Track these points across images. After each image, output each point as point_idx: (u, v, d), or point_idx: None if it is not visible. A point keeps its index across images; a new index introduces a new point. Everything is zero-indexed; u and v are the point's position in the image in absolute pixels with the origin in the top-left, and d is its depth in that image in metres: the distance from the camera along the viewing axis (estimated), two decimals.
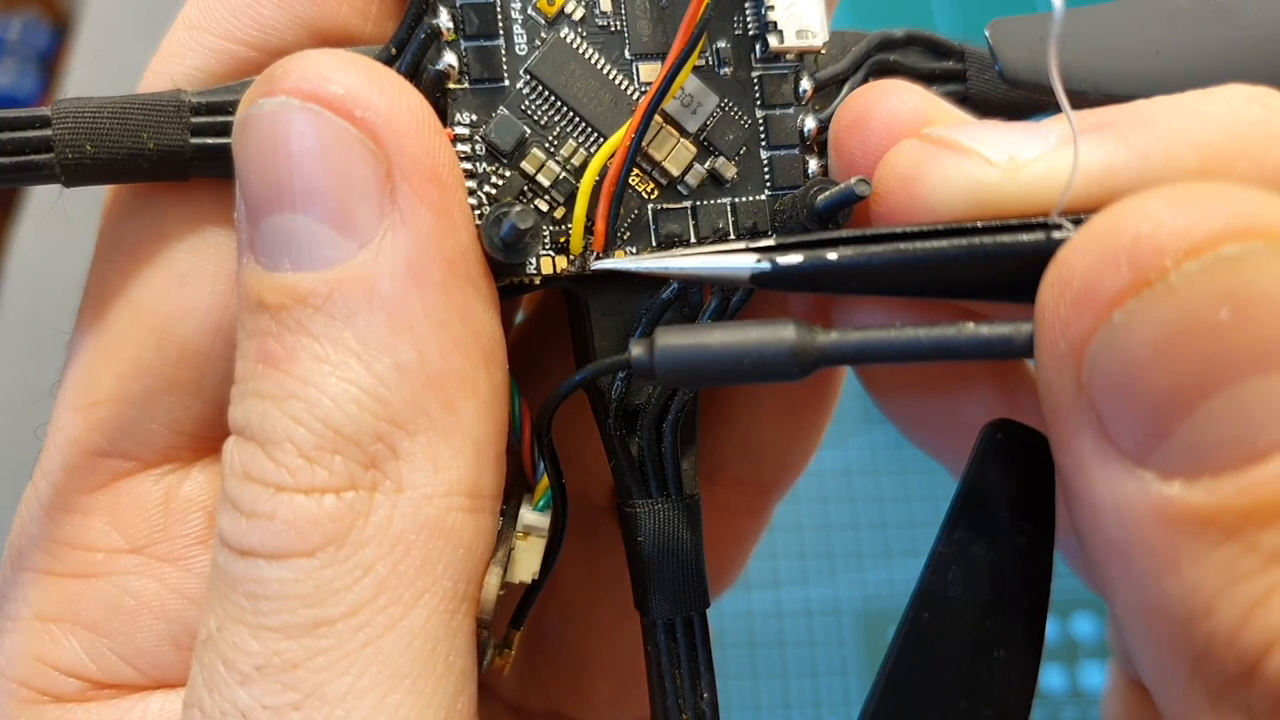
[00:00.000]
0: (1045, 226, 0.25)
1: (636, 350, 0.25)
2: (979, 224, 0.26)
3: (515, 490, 0.31)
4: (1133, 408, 0.21)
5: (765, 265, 0.26)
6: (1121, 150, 0.25)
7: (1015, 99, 0.32)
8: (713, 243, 0.30)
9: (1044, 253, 0.23)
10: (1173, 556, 0.21)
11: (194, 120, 0.27)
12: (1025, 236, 0.25)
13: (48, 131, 0.27)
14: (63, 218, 0.32)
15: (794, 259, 0.26)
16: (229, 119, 0.27)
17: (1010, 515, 0.25)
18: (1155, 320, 0.20)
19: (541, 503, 0.30)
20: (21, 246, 0.77)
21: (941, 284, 0.27)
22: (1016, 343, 0.24)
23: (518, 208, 0.28)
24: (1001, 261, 0.26)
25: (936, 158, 0.27)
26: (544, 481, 0.30)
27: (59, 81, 0.88)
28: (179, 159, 0.27)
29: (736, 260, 0.27)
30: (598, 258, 0.29)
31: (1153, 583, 0.21)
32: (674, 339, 0.25)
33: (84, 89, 0.28)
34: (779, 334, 0.24)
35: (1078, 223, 0.25)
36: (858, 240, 0.26)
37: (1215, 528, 0.20)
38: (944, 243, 0.26)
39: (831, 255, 0.26)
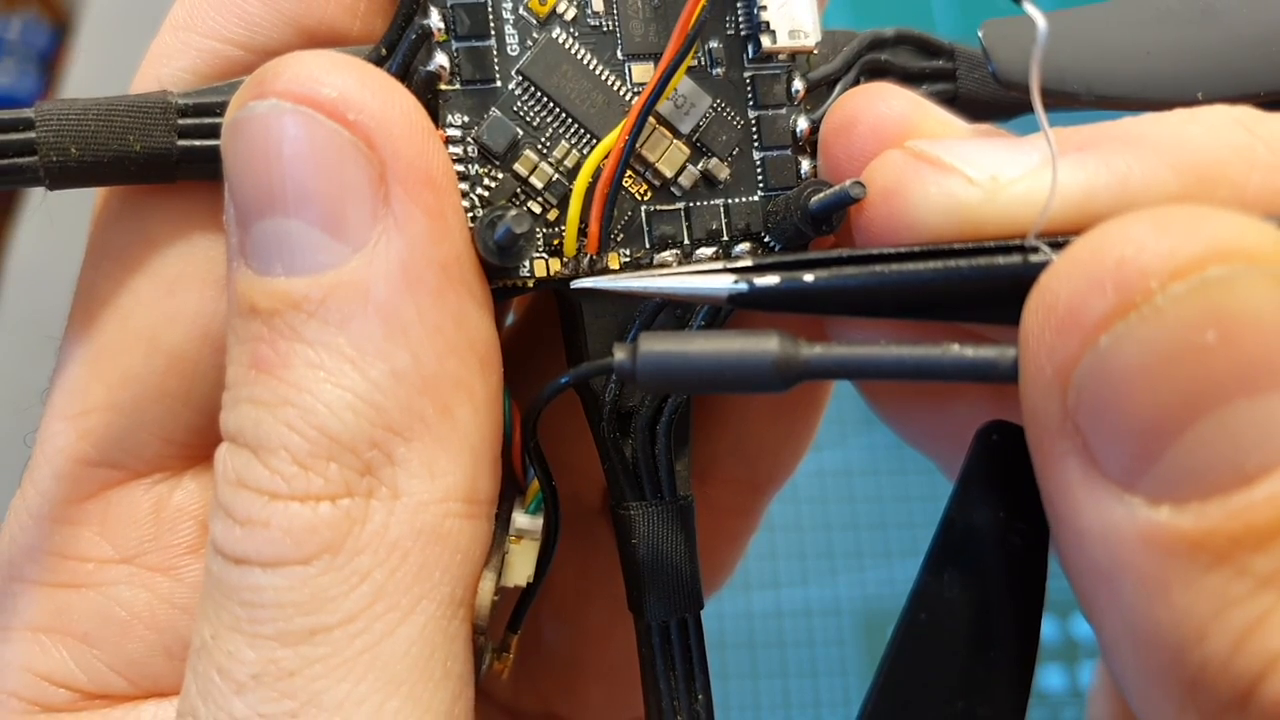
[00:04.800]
0: (1022, 249, 0.25)
1: (620, 355, 0.25)
2: (956, 246, 0.26)
3: (506, 494, 0.30)
4: (1119, 433, 0.21)
5: (742, 286, 0.26)
6: (1102, 173, 0.25)
7: (1004, 98, 0.32)
8: (707, 244, 0.30)
9: (1022, 275, 0.23)
10: (1162, 583, 0.20)
11: (181, 122, 0.27)
12: (1002, 259, 0.25)
13: (31, 134, 0.26)
14: (64, 219, 0.32)
15: (771, 280, 0.26)
16: (217, 120, 0.27)
17: (1006, 516, 0.25)
18: (1142, 344, 0.20)
19: (533, 505, 0.30)
20: (21, 247, 0.77)
21: (920, 305, 0.27)
22: (1000, 367, 0.23)
23: (513, 211, 0.27)
24: (979, 284, 0.26)
25: (918, 174, 0.26)
26: (535, 484, 0.30)
27: (59, 81, 0.88)
28: (165, 161, 0.27)
29: (714, 281, 0.26)
30: (591, 261, 0.29)
31: (1142, 610, 0.21)
32: (657, 345, 0.24)
33: (84, 89, 0.27)
34: (762, 345, 0.24)
35: (1055, 245, 0.25)
36: (835, 262, 0.26)
37: (1205, 553, 0.20)
38: (921, 265, 0.26)
39: (808, 277, 0.26)
